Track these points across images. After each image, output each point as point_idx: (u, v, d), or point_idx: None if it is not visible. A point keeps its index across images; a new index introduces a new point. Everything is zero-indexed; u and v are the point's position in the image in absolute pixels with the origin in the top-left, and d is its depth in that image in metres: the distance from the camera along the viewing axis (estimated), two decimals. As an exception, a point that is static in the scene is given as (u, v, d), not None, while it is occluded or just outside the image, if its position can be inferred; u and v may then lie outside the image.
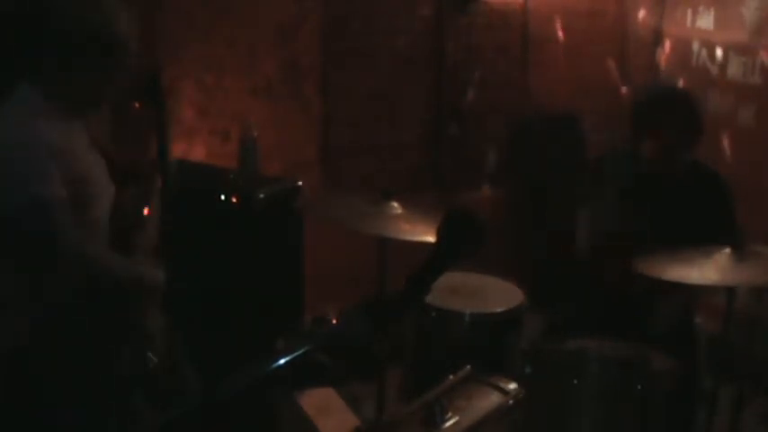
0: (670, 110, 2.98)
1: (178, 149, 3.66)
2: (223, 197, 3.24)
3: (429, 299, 1.40)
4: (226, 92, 3.85)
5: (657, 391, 2.57)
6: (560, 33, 4.83)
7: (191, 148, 3.79)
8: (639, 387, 2.54)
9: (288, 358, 1.27)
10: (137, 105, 2.23)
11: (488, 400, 2.53)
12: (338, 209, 2.68)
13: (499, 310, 2.98)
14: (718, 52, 4.47)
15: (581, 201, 3.12)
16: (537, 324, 3.11)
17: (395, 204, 2.56)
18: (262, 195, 3.27)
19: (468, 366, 2.61)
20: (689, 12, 4.66)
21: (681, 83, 4.50)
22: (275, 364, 1.27)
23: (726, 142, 4.30)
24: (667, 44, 4.82)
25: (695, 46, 4.62)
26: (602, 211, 3.04)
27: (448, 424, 2.37)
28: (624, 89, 4.89)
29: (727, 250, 2.52)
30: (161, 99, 2.12)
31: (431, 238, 1.38)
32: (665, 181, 3.00)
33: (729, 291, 2.60)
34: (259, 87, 3.95)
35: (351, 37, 4.22)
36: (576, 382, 2.57)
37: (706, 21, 4.58)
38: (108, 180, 2.29)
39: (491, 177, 4.75)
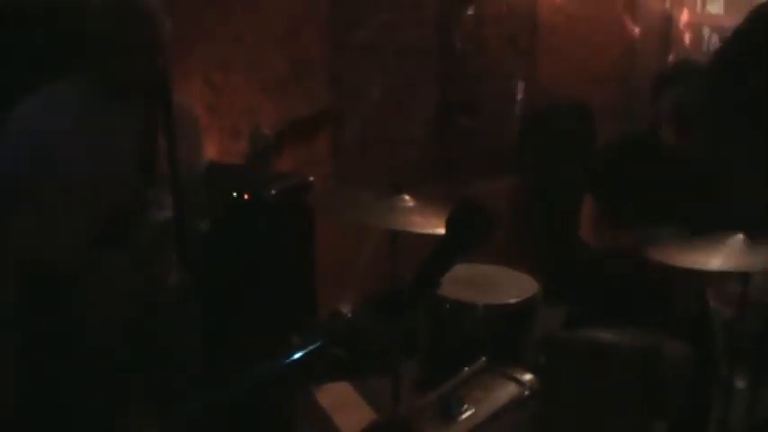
0: (686, 69, 3.02)
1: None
2: (235, 194, 3.25)
3: (443, 291, 1.40)
4: (235, 90, 3.85)
5: (673, 378, 2.56)
6: (569, 22, 4.82)
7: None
8: (655, 375, 2.54)
9: (303, 353, 1.27)
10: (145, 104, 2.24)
11: (505, 392, 2.53)
12: (349, 203, 2.68)
13: (513, 300, 2.98)
14: (729, 37, 4.45)
15: (592, 188, 3.11)
16: (555, 317, 3.10)
17: (406, 197, 2.55)
18: (274, 191, 3.28)
19: (483, 358, 2.61)
20: (698, -3, 4.65)
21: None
22: (291, 360, 1.27)
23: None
24: (677, 30, 4.80)
25: (705, 31, 4.60)
26: (615, 197, 3.04)
27: (464, 416, 2.38)
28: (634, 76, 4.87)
29: (741, 236, 2.51)
30: (169, 98, 2.12)
31: (442, 231, 1.38)
32: (680, 167, 2.98)
33: (744, 277, 2.59)
34: (268, 84, 3.95)
35: (359, 31, 4.22)
36: (591, 370, 2.57)
37: (716, 6, 4.56)
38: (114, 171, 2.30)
39: (502, 168, 4.74)
